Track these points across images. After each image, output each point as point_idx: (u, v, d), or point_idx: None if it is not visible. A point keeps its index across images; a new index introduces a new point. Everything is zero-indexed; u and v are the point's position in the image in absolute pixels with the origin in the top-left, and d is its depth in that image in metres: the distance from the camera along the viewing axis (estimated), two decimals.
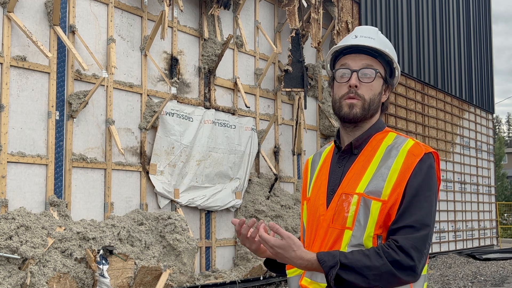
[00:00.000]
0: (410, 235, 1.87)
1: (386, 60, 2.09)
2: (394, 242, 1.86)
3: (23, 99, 6.78)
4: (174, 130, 8.45)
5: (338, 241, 1.96)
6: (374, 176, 1.96)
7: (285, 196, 10.34)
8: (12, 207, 6.56)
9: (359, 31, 2.12)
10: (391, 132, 2.09)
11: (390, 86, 2.12)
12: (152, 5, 8.48)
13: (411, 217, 1.89)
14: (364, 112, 2.03)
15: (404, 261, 1.84)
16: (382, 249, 1.86)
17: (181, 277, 7.76)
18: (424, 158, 1.96)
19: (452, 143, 17.21)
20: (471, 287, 10.64)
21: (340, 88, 2.07)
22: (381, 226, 1.92)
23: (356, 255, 1.86)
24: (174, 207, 8.47)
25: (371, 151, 2.03)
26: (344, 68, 2.06)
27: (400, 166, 1.94)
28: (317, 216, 2.05)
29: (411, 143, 2.00)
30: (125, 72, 8.00)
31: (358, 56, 2.06)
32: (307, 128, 11.29)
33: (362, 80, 2.03)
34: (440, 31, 16.98)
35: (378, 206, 1.92)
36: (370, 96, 2.04)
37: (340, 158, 2.09)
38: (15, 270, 6.15)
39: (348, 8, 12.54)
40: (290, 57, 10.32)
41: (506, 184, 36.87)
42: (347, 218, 1.95)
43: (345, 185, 2.00)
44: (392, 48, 2.13)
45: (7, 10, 6.64)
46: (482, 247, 18.50)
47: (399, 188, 1.92)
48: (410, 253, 1.85)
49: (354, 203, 1.95)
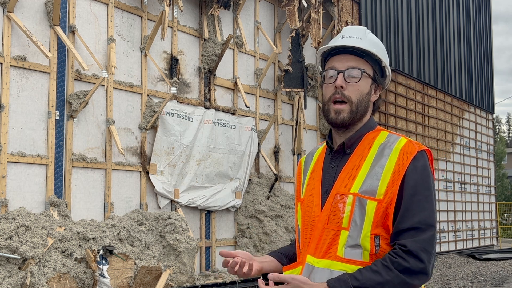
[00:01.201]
0: (417, 238, 1.86)
1: (375, 60, 2.08)
2: (402, 248, 1.85)
3: (23, 99, 6.78)
4: (174, 130, 8.45)
5: (335, 242, 1.95)
6: (368, 176, 1.95)
7: (285, 196, 10.34)
8: (12, 207, 6.56)
9: (346, 31, 2.11)
10: (382, 131, 2.09)
11: (381, 85, 2.11)
12: (152, 5, 8.48)
13: (414, 218, 1.88)
14: (352, 115, 2.02)
15: (414, 265, 1.84)
16: (390, 259, 1.85)
17: (181, 277, 7.76)
18: (417, 156, 1.95)
19: (452, 143, 17.21)
20: (471, 287, 10.64)
21: (327, 89, 2.07)
22: (377, 226, 1.91)
23: (366, 274, 1.84)
24: (174, 207, 8.48)
25: (363, 151, 2.03)
26: (331, 69, 2.06)
27: (393, 164, 1.93)
28: (312, 217, 2.04)
29: (404, 141, 1.99)
30: (125, 72, 8.00)
31: (345, 56, 2.06)
32: (307, 128, 11.30)
33: (348, 80, 2.02)
34: (440, 31, 16.98)
35: (373, 206, 1.91)
36: (358, 97, 2.03)
37: (332, 159, 2.09)
38: (15, 270, 6.15)
39: (348, 8, 12.55)
40: (290, 57, 10.32)
41: (506, 184, 36.86)
42: (342, 218, 1.94)
43: (339, 185, 2.00)
44: (382, 48, 2.11)
45: (7, 10, 6.64)
46: (482, 247, 18.50)
47: (394, 186, 1.91)
48: (420, 255, 1.84)
49: (349, 203, 1.94)
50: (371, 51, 2.04)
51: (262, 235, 9.47)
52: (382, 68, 2.11)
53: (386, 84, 2.16)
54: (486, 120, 20.14)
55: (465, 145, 18.14)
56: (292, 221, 9.98)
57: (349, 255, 1.93)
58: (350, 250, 1.92)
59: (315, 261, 1.99)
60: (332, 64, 2.07)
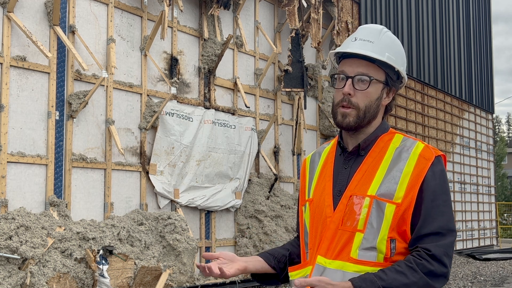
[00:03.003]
0: (440, 242, 1.88)
1: (388, 64, 2.01)
2: (426, 251, 1.87)
3: (23, 99, 6.78)
4: (174, 130, 8.45)
5: (349, 244, 1.93)
6: (385, 179, 1.94)
7: (285, 196, 10.34)
8: (12, 207, 6.56)
9: (360, 32, 2.05)
10: (397, 134, 2.07)
11: (394, 88, 2.06)
12: (152, 5, 8.48)
13: (435, 223, 1.90)
14: (358, 120, 2.00)
15: (438, 269, 1.86)
16: (415, 261, 1.86)
17: (181, 277, 7.76)
18: (435, 161, 1.95)
19: (452, 143, 17.21)
20: (471, 287, 10.65)
21: (337, 94, 2.04)
22: (393, 229, 1.91)
23: (391, 274, 1.84)
24: (174, 207, 8.48)
25: (379, 153, 2.01)
26: (341, 74, 2.03)
27: (412, 169, 1.93)
28: (323, 218, 2.01)
29: (421, 146, 1.99)
30: (125, 72, 8.00)
31: (355, 61, 2.01)
32: (307, 128, 11.30)
33: (357, 87, 1.99)
34: (440, 31, 16.98)
35: (392, 209, 1.90)
36: (366, 103, 2.00)
37: (346, 160, 2.06)
38: (15, 270, 6.16)
39: (348, 8, 12.54)
40: (290, 57, 10.32)
41: (506, 184, 36.86)
42: (358, 220, 1.93)
43: (354, 186, 1.98)
44: (397, 50, 2.04)
45: (7, 10, 6.64)
46: (482, 247, 18.50)
47: (413, 191, 1.91)
48: (443, 260, 1.87)
49: (366, 205, 1.93)
50: (382, 59, 1.98)
51: (262, 235, 9.47)
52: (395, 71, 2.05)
53: (401, 86, 2.11)
54: (486, 120, 20.14)
55: (465, 145, 18.14)
56: (292, 221, 9.97)
57: (363, 257, 1.92)
58: (364, 252, 1.91)
59: (326, 262, 1.97)
60: (343, 68, 2.03)
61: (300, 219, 2.20)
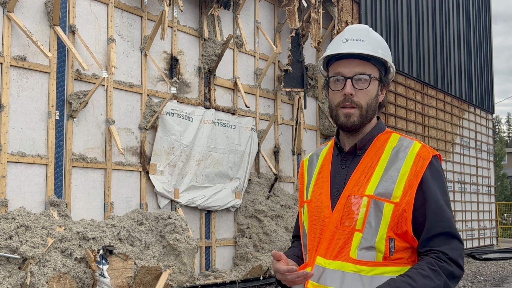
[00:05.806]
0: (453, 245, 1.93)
1: (380, 61, 2.06)
2: (444, 255, 1.90)
3: (23, 99, 6.78)
4: (174, 130, 8.45)
5: (348, 244, 1.94)
6: (383, 178, 1.95)
7: (285, 196, 10.34)
8: (12, 207, 6.56)
9: (349, 33, 2.07)
10: (393, 133, 2.08)
11: (386, 84, 2.10)
12: (152, 5, 8.48)
13: (441, 223, 1.93)
14: (362, 119, 2.01)
15: (456, 271, 1.91)
16: (437, 264, 1.89)
17: (181, 277, 7.76)
18: (432, 161, 1.97)
19: (452, 143, 17.21)
20: (471, 287, 10.65)
21: (335, 95, 2.04)
22: (392, 228, 1.92)
23: (418, 279, 1.86)
24: (174, 207, 8.48)
25: (376, 152, 2.02)
26: (338, 76, 2.03)
27: (409, 168, 1.94)
28: (321, 218, 2.01)
29: (418, 146, 2.00)
30: (125, 72, 8.00)
31: (351, 61, 2.02)
32: (307, 128, 11.30)
33: (357, 86, 2.00)
34: (440, 31, 16.98)
35: (390, 208, 1.91)
36: (367, 101, 2.02)
37: (343, 160, 2.06)
38: (15, 270, 6.16)
39: (348, 8, 12.54)
40: (290, 57, 10.32)
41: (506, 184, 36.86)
42: (356, 220, 1.93)
43: (351, 186, 1.98)
44: (385, 46, 2.08)
45: (7, 10, 6.64)
46: (482, 247, 18.50)
47: (411, 191, 1.92)
48: (460, 263, 1.92)
49: (364, 205, 1.93)
50: (377, 55, 2.02)
51: (262, 235, 9.47)
52: (386, 67, 2.09)
53: (390, 81, 2.15)
54: (486, 120, 20.14)
55: (465, 145, 18.14)
56: (292, 221, 9.98)
57: (362, 256, 1.92)
58: (363, 252, 1.92)
59: (326, 263, 1.97)
60: (338, 70, 2.03)
61: (300, 220, 2.20)
